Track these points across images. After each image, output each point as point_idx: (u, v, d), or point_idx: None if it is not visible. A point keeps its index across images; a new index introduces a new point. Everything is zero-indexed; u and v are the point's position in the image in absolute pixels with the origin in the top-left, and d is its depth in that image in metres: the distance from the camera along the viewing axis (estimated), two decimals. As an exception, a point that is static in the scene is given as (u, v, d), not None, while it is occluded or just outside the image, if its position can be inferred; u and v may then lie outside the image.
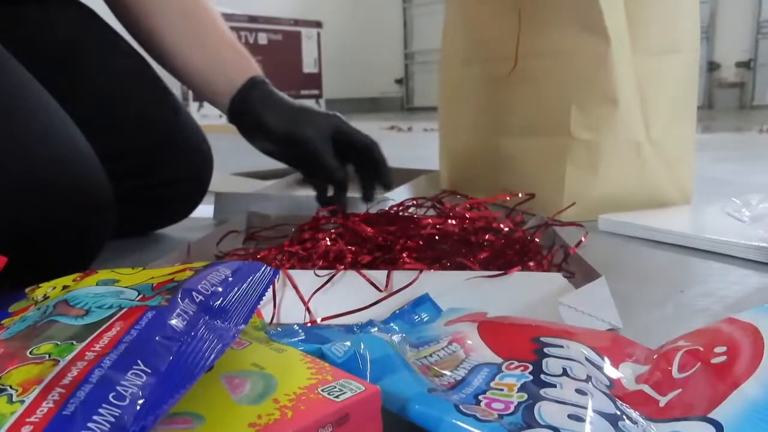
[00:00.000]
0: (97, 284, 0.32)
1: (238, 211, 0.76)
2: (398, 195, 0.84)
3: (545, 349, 0.32)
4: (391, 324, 0.41)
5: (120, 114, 0.74)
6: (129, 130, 0.74)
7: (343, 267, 0.49)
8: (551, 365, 0.30)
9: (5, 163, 0.49)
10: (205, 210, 0.86)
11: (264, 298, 0.30)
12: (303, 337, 0.36)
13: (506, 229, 0.60)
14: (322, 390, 0.26)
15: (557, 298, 0.45)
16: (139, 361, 0.23)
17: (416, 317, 0.43)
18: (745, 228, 0.70)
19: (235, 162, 1.54)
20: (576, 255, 0.55)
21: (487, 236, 0.58)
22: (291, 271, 0.48)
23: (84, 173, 0.55)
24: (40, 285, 0.35)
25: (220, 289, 0.29)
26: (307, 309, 0.46)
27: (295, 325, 0.39)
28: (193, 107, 3.84)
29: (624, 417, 0.26)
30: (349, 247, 0.55)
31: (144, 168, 0.75)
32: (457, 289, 0.46)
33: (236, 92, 0.70)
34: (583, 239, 0.61)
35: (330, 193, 0.75)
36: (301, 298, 0.47)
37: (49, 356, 0.24)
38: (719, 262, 0.63)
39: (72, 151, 0.54)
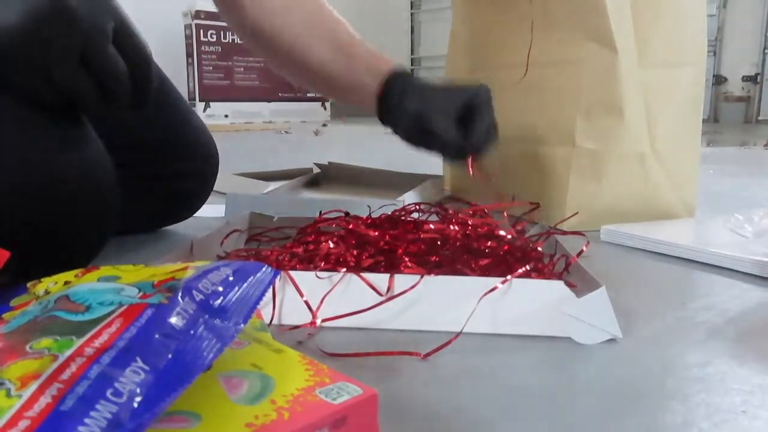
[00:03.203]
0: (98, 280, 0.32)
1: (247, 212, 0.76)
2: (405, 199, 0.85)
3: None
4: None
5: None
6: (136, 122, 0.74)
7: (345, 269, 0.49)
8: None
9: (7, 157, 0.49)
10: (211, 209, 0.86)
11: (264, 298, 0.30)
12: None
13: (508, 236, 0.60)
14: (320, 392, 0.26)
15: (558, 306, 0.45)
16: (137, 359, 0.23)
17: None
18: (747, 243, 0.69)
19: (236, 162, 1.54)
20: (577, 264, 0.55)
21: (489, 243, 0.58)
22: (292, 272, 0.48)
23: (91, 166, 0.55)
24: (41, 280, 0.35)
25: (221, 289, 0.29)
26: (309, 309, 0.46)
27: None
28: (198, 107, 3.86)
29: None
30: (351, 251, 0.55)
31: (150, 161, 0.75)
32: (458, 295, 0.46)
33: (383, 82, 0.72)
34: (584, 249, 0.61)
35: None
36: (306, 302, 0.47)
37: (49, 351, 0.24)
38: (721, 276, 0.63)
39: (79, 143, 0.54)
